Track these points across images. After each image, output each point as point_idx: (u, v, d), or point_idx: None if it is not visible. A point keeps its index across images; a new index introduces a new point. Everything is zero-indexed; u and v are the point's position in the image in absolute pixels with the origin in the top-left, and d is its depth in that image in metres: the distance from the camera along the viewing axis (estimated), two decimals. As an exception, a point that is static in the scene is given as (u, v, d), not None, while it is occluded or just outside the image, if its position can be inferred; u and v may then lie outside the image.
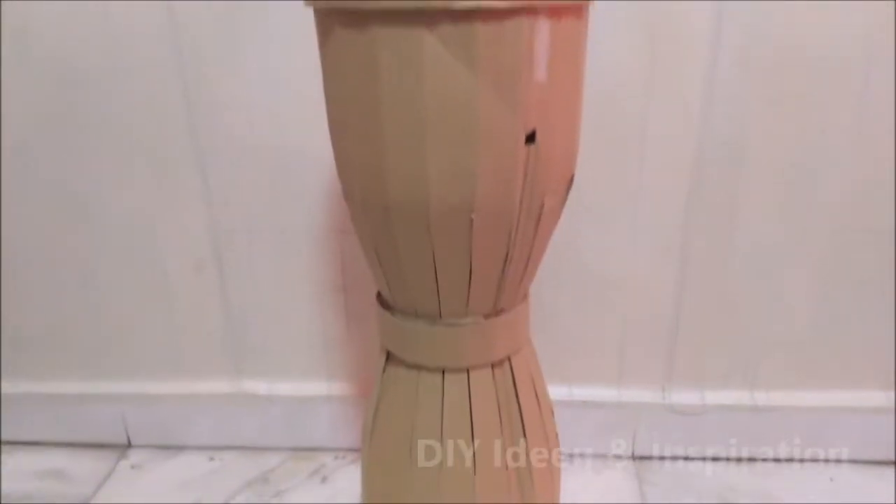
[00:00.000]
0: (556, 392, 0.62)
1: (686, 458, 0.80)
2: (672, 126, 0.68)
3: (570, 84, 0.44)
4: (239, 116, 0.70)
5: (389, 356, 0.55)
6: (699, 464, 0.80)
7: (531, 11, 0.38)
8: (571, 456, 0.80)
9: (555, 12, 0.40)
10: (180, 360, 0.82)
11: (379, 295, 0.55)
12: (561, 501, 0.65)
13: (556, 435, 0.60)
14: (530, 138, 0.42)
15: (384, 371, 0.56)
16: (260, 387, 0.82)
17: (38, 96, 0.71)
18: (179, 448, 0.86)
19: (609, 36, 0.63)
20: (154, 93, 0.70)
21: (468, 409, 0.52)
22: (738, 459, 0.80)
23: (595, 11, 0.45)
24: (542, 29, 0.39)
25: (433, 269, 0.47)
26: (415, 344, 0.52)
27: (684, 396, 0.78)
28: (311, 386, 0.82)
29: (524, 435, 0.54)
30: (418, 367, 0.53)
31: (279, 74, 0.68)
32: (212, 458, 0.84)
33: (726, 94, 0.66)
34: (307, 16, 0.46)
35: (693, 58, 0.65)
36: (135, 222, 0.76)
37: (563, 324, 0.76)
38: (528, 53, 0.40)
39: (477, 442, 0.53)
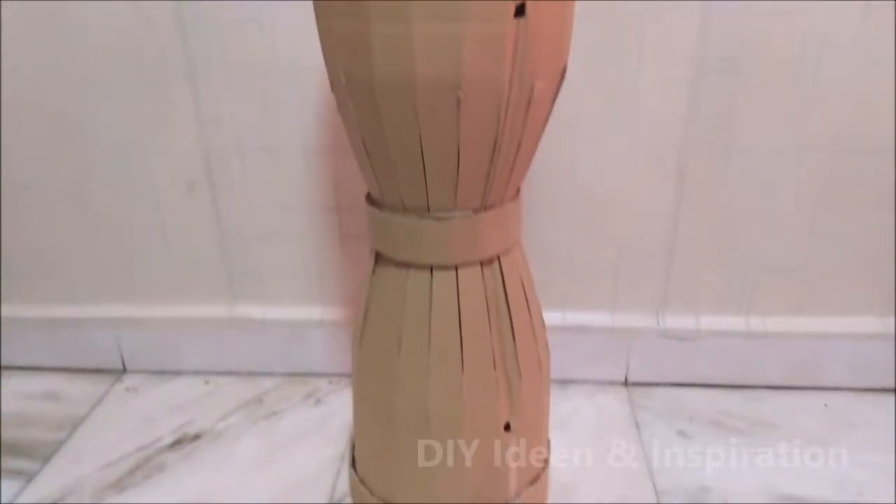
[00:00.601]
0: (549, 317, 0.61)
1: (679, 384, 0.79)
2: (670, 38, 0.66)
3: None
4: (231, 33, 0.69)
5: (378, 257, 0.54)
6: (692, 389, 0.79)
7: None
8: (563, 381, 0.80)
9: None
10: (175, 283, 0.82)
11: (368, 196, 0.54)
12: (550, 421, 0.65)
13: (546, 342, 0.59)
14: (519, 11, 0.41)
15: (373, 273, 0.55)
16: (254, 311, 0.82)
17: (29, 15, 0.69)
18: (175, 373, 0.86)
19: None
20: (146, 6, 0.68)
21: (456, 307, 0.51)
22: (732, 385, 0.79)
23: None
24: None
25: (420, 156, 0.46)
26: (403, 240, 0.51)
27: (678, 321, 0.77)
28: (305, 310, 0.81)
29: (513, 336, 0.53)
30: (407, 266, 0.52)
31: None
32: (207, 382, 0.84)
33: (726, 3, 0.64)
34: None
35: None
36: (126, 141, 0.75)
37: (557, 247, 0.75)
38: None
39: (465, 341, 0.52)
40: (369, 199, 0.53)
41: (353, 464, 0.64)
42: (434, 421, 0.54)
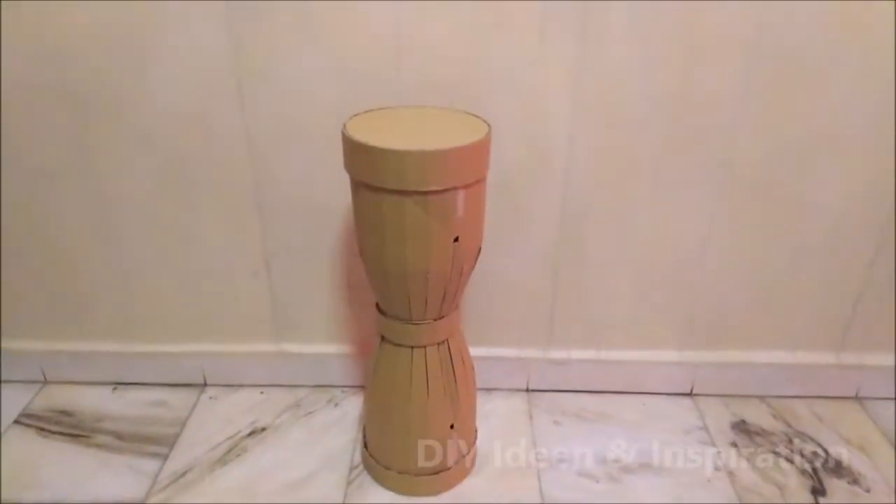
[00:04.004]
0: (480, 351, 1.04)
1: (558, 391, 1.24)
2: (546, 193, 1.07)
3: (476, 212, 0.84)
4: (285, 177, 1.07)
5: (383, 338, 0.96)
6: (566, 394, 1.24)
7: (456, 188, 0.78)
8: (489, 389, 1.23)
9: (467, 185, 0.79)
10: (242, 330, 1.21)
11: (377, 305, 0.95)
12: (477, 420, 1.08)
13: (475, 381, 1.02)
14: (456, 240, 0.83)
15: (380, 346, 0.97)
16: (294, 347, 1.23)
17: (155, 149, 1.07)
18: (239, 386, 1.26)
19: (503, 148, 1.02)
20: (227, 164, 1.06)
21: (425, 367, 0.94)
22: (589, 391, 1.24)
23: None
24: (461, 194, 0.79)
25: (408, 298, 0.87)
26: (397, 333, 0.93)
27: (558, 354, 1.21)
28: (326, 346, 1.22)
29: (455, 379, 0.96)
30: (399, 345, 0.93)
31: (321, 155, 1.05)
32: (262, 392, 1.24)
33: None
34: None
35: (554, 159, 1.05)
36: (213, 247, 1.13)
37: (485, 311, 1.17)
38: (455, 204, 0.79)
39: (430, 384, 0.94)
40: (378, 308, 0.94)
41: (366, 446, 1.06)
42: (413, 425, 0.97)
